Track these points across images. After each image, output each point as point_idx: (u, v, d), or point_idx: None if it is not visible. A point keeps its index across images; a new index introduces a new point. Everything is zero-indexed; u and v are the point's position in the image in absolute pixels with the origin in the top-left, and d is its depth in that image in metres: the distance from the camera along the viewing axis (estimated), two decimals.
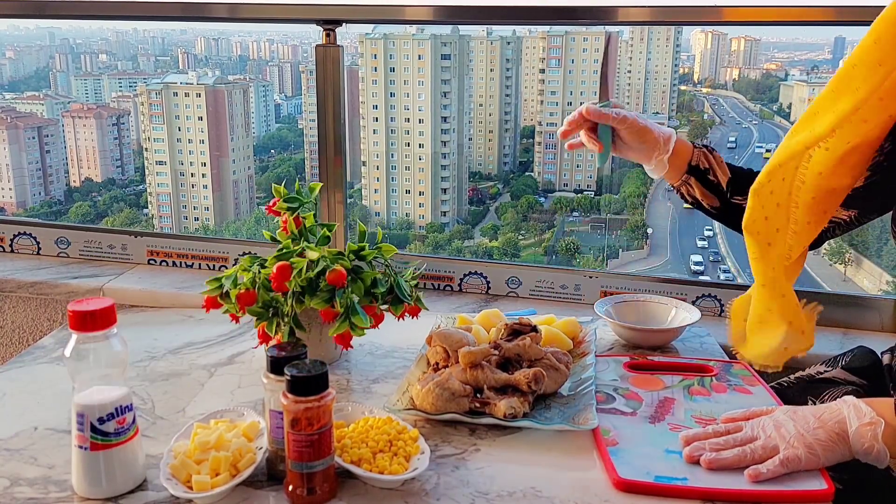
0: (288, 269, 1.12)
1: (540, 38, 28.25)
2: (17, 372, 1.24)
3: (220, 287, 1.16)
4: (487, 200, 27.68)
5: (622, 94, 30.11)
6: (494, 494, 0.90)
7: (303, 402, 0.84)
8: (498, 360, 1.10)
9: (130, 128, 28.04)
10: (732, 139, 28.03)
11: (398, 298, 1.17)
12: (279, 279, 1.11)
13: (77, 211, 24.31)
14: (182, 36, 34.75)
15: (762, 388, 1.14)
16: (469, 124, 27.99)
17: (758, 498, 0.89)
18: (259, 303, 1.13)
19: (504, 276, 1.71)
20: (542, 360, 1.11)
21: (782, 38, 33.33)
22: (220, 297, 1.16)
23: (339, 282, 1.11)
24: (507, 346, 1.12)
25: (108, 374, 0.87)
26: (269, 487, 0.91)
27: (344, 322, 1.10)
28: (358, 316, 1.11)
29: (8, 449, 0.99)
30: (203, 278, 1.74)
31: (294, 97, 31.94)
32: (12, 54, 31.07)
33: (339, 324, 1.11)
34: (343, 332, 1.11)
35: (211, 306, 1.17)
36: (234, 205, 26.03)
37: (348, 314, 1.11)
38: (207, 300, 1.17)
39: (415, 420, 1.04)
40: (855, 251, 17.49)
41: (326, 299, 1.11)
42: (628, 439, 0.99)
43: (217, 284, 1.16)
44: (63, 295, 1.72)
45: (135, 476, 0.90)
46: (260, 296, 1.13)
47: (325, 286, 1.11)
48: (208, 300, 1.17)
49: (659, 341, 1.35)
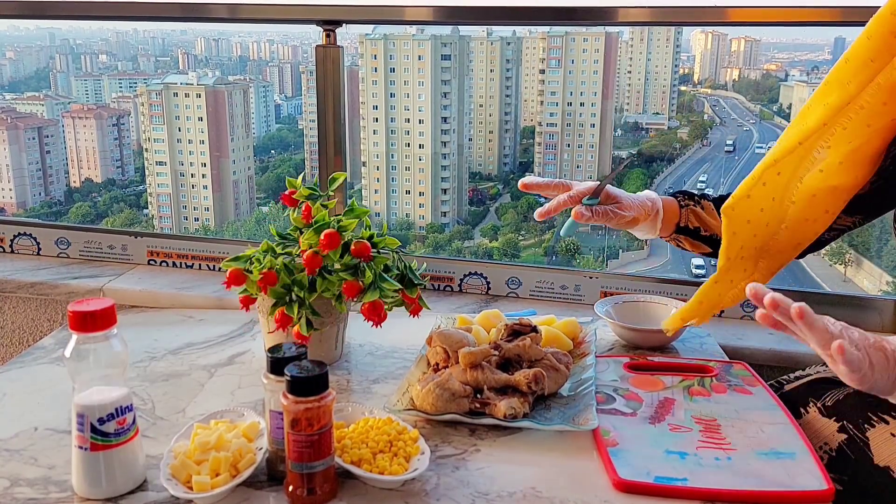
0: (337, 236, 1.11)
1: (540, 39, 28.29)
2: (17, 372, 1.24)
3: (243, 262, 1.15)
4: (487, 201, 27.71)
5: (622, 94, 30.15)
6: (494, 495, 0.90)
7: (303, 402, 0.84)
8: (498, 361, 1.10)
9: (130, 128, 28.07)
10: (730, 142, 28.04)
11: (411, 282, 1.17)
12: (329, 246, 1.10)
13: (77, 211, 24.34)
14: (182, 36, 34.79)
15: (762, 388, 1.14)
16: (469, 125, 28.03)
17: (758, 498, 0.89)
18: (279, 286, 1.13)
19: (504, 276, 1.71)
20: (542, 361, 1.11)
21: (782, 38, 33.37)
22: (244, 270, 1.14)
23: (364, 252, 1.11)
24: (508, 346, 1.12)
25: (109, 374, 0.87)
26: (269, 488, 0.91)
27: (374, 291, 1.10)
28: (387, 282, 1.11)
29: (8, 449, 0.99)
30: (203, 279, 1.76)
31: (294, 97, 31.97)
32: (12, 55, 31.09)
33: (369, 292, 1.10)
34: (374, 301, 1.10)
35: (233, 282, 1.14)
36: (234, 205, 26.05)
37: (377, 282, 1.10)
38: (231, 274, 1.14)
39: (415, 420, 1.04)
40: (855, 252, 17.51)
41: (350, 275, 1.11)
42: (628, 440, 0.99)
43: (239, 262, 1.16)
44: (63, 295, 1.72)
45: (135, 476, 0.90)
46: (280, 279, 1.13)
47: (346, 261, 1.11)
48: (232, 274, 1.14)
49: (659, 342, 1.35)
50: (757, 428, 1.02)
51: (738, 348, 1.46)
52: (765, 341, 1.49)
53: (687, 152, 28.92)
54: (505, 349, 1.11)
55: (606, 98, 27.68)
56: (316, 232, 1.13)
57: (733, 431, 1.01)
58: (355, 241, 1.12)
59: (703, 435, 1.00)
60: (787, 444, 0.98)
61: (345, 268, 1.13)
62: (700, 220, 1.27)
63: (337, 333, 1.24)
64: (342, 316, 1.23)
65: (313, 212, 1.19)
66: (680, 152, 28.86)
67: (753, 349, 1.47)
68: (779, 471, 0.92)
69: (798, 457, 0.95)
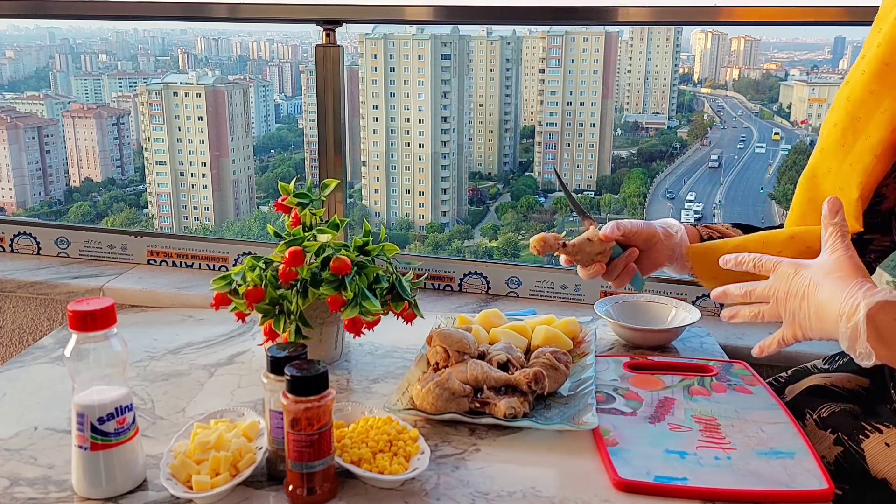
0: (301, 254, 1.11)
1: (540, 38, 28.30)
2: (17, 372, 1.24)
3: (228, 284, 1.16)
4: (487, 200, 27.72)
5: (622, 94, 30.17)
6: (494, 494, 0.90)
7: (303, 402, 0.84)
8: (500, 361, 1.10)
9: (130, 128, 28.08)
10: (715, 157, 28.01)
11: (399, 296, 1.17)
12: (291, 263, 1.10)
13: (77, 211, 24.35)
14: (182, 36, 34.80)
15: (762, 387, 1.14)
16: (469, 124, 28.04)
17: (758, 498, 0.89)
18: (266, 300, 1.13)
19: (504, 276, 1.71)
20: (541, 360, 1.11)
21: (782, 38, 33.40)
22: (229, 293, 1.15)
23: (343, 270, 1.11)
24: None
25: (108, 374, 0.87)
26: (269, 487, 0.91)
27: (355, 307, 1.10)
28: (369, 300, 1.11)
29: (8, 449, 0.99)
30: (203, 278, 1.76)
31: (294, 97, 31.98)
32: (12, 54, 31.10)
33: (349, 309, 1.10)
34: (354, 318, 1.10)
35: (220, 303, 1.16)
36: (234, 205, 26.07)
37: (358, 299, 1.10)
38: (217, 297, 1.16)
39: (415, 420, 1.04)
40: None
41: (334, 288, 1.11)
42: (628, 439, 0.99)
43: (225, 282, 1.16)
44: (63, 295, 1.72)
45: (135, 476, 0.90)
46: (268, 293, 1.13)
47: (329, 275, 1.11)
48: (217, 297, 1.16)
49: (659, 341, 1.35)
50: (757, 427, 1.02)
51: (738, 348, 1.46)
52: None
53: (687, 152, 28.95)
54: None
55: (606, 97, 27.69)
56: (286, 246, 1.13)
57: (733, 431, 1.01)
58: (335, 257, 1.11)
59: (703, 434, 1.01)
60: (786, 443, 0.98)
61: (332, 278, 1.12)
62: (720, 233, 1.22)
63: (337, 333, 1.24)
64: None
65: (302, 219, 1.19)
66: (680, 152, 28.89)
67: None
68: (778, 470, 0.92)
69: (798, 456, 0.95)
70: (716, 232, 1.22)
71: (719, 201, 25.92)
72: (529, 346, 1.25)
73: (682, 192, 26.32)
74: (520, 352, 1.17)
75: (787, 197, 24.05)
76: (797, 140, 27.22)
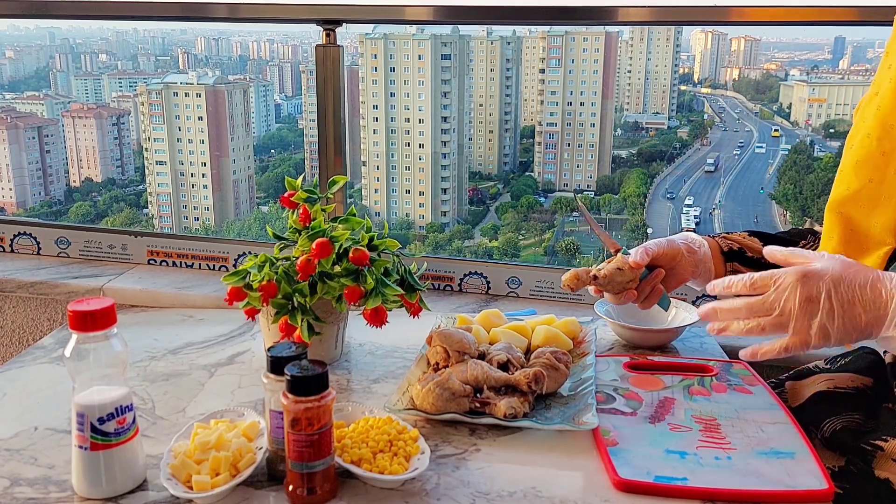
0: (329, 245, 1.11)
1: (540, 38, 28.29)
2: (17, 372, 1.24)
3: (242, 279, 1.16)
4: (487, 200, 27.71)
5: (622, 94, 30.16)
6: (494, 494, 0.90)
7: (303, 402, 0.84)
8: (500, 361, 1.11)
9: (130, 128, 28.06)
10: (711, 161, 28.03)
11: (411, 286, 1.17)
12: (320, 255, 1.10)
13: (77, 211, 24.33)
14: (182, 36, 34.78)
15: (762, 387, 1.14)
16: (469, 124, 28.02)
17: (758, 498, 0.89)
18: (280, 295, 1.13)
19: (504, 276, 1.71)
20: (541, 360, 1.11)
21: (782, 38, 33.40)
22: (244, 287, 1.15)
23: (362, 261, 1.11)
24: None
25: (108, 374, 0.87)
26: (269, 487, 0.91)
27: (377, 297, 1.10)
28: (389, 287, 1.11)
29: (8, 449, 0.99)
30: (203, 278, 1.76)
31: (294, 97, 31.96)
32: (12, 54, 31.08)
33: (371, 298, 1.10)
34: (377, 307, 1.11)
35: (235, 298, 1.15)
36: (235, 205, 26.05)
37: (378, 287, 1.11)
38: (231, 292, 1.15)
39: (415, 420, 1.04)
40: None
41: (352, 280, 1.11)
42: (628, 439, 0.99)
43: (238, 277, 1.16)
44: (63, 295, 1.72)
45: (135, 476, 0.90)
46: (281, 288, 1.13)
47: (343, 269, 1.11)
48: (232, 291, 1.15)
49: (659, 341, 1.35)
50: (757, 427, 1.02)
51: (738, 347, 1.45)
52: (765, 341, 1.48)
53: (687, 152, 28.94)
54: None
55: (606, 97, 27.68)
56: (310, 239, 1.13)
57: (733, 431, 1.01)
58: (354, 248, 1.12)
59: (703, 434, 1.01)
60: (786, 443, 0.98)
61: (345, 272, 1.13)
62: (739, 243, 1.22)
63: (337, 333, 1.24)
64: (342, 315, 1.23)
65: (311, 215, 1.19)
66: (680, 152, 28.88)
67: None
68: (778, 470, 0.93)
69: (798, 456, 0.95)
70: (735, 243, 1.23)
71: (719, 202, 25.92)
72: (529, 346, 1.25)
73: (682, 193, 26.33)
74: (520, 352, 1.17)
75: (787, 197, 24.04)
76: (797, 140, 27.22)
